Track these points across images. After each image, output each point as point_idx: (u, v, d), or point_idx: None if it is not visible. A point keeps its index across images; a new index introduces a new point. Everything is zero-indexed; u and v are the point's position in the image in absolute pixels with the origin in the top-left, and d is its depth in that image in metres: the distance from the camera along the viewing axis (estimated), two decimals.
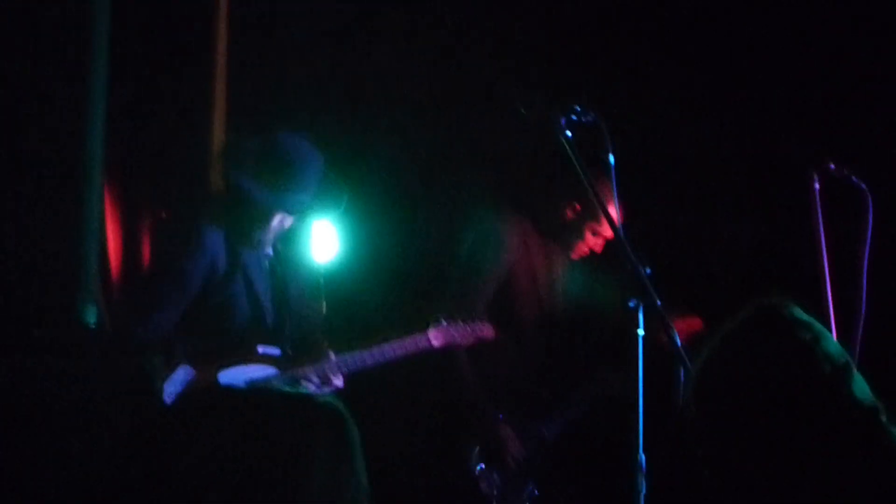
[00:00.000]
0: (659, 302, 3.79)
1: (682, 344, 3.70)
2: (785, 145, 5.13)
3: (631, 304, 3.84)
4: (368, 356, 4.64)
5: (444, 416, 5.14)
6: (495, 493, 5.00)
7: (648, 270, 4.07)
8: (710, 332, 2.34)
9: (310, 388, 4.55)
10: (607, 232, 4.94)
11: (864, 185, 4.23)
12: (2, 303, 3.36)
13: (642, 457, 3.76)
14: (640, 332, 3.83)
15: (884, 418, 2.19)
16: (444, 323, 4.83)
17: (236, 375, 4.46)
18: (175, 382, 4.15)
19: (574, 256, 5.19)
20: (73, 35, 3.45)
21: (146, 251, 5.18)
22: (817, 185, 4.27)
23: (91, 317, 3.33)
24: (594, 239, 5.11)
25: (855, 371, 2.22)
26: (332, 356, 4.62)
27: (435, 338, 4.80)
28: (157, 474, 2.06)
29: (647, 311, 3.83)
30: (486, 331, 4.94)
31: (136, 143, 5.10)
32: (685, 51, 5.59)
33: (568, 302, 5.24)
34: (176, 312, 4.39)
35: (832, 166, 4.24)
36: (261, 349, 4.53)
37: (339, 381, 4.62)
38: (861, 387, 2.21)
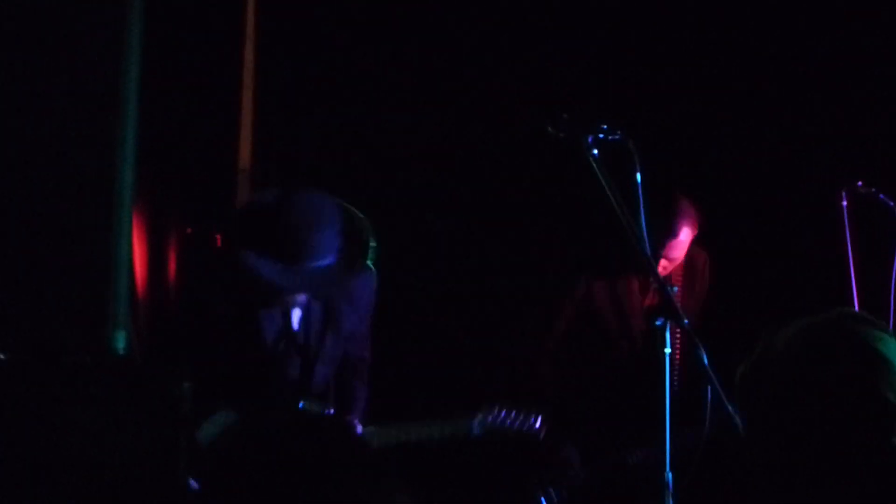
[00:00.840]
0: (686, 321, 3.77)
1: None
2: (814, 164, 5.14)
3: (658, 322, 3.83)
4: (404, 433, 4.43)
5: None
6: None
7: (675, 289, 4.08)
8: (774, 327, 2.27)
9: None
10: (676, 256, 4.87)
11: (892, 203, 4.24)
12: (29, 329, 3.37)
13: (669, 475, 3.75)
14: (667, 350, 3.81)
15: None
16: (494, 411, 4.61)
17: None
18: (215, 423, 4.03)
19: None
20: (104, 61, 3.46)
21: (172, 268, 5.18)
22: (845, 203, 4.30)
23: (120, 343, 3.33)
24: (665, 262, 4.96)
25: None
26: (358, 428, 4.36)
27: (480, 425, 4.58)
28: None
29: (673, 329, 3.82)
30: (536, 427, 4.68)
31: (161, 159, 5.11)
32: (715, 70, 5.59)
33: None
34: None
35: (860, 184, 4.27)
36: (303, 405, 4.27)
37: None
38: None
